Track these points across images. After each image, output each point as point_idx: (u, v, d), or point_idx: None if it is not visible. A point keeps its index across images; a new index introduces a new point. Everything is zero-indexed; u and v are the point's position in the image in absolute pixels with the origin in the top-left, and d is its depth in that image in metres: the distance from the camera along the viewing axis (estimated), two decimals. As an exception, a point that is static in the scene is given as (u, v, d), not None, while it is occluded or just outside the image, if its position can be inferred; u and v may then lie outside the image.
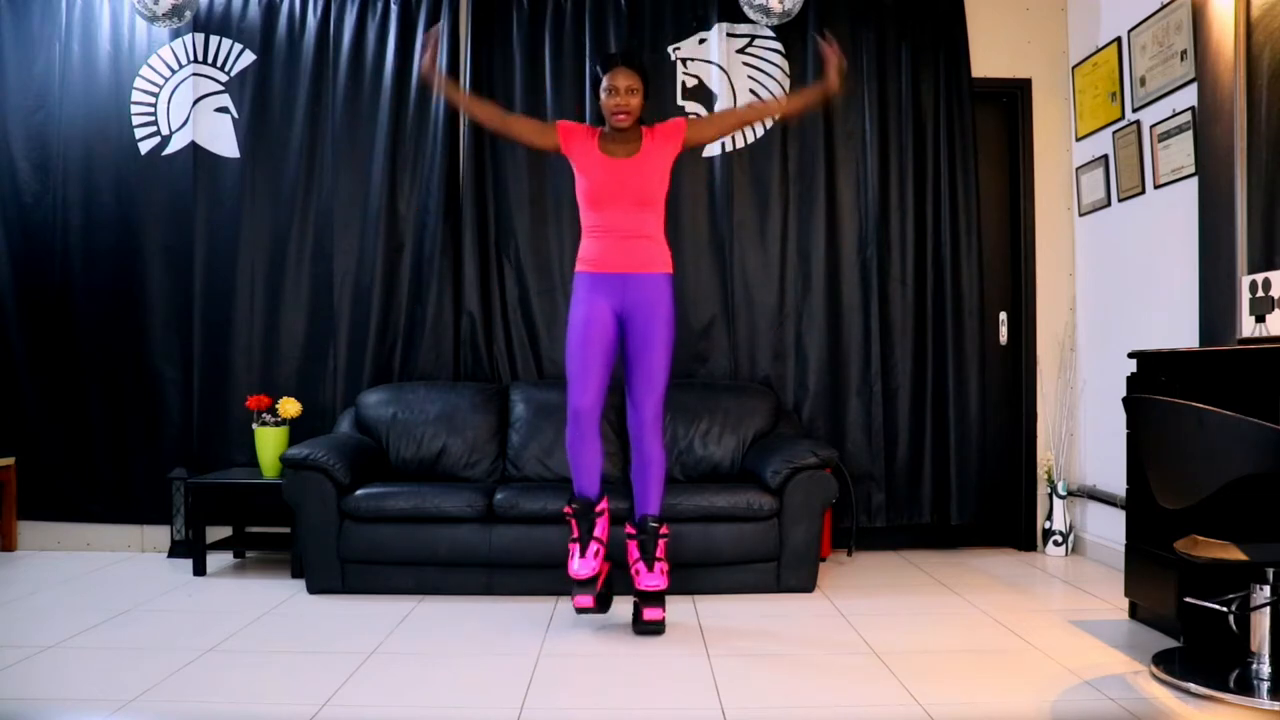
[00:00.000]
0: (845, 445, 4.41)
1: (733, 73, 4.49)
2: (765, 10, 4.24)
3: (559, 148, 3.24)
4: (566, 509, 3.23)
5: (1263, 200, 3.20)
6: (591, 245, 3.22)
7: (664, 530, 3.23)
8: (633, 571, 3.19)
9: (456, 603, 3.56)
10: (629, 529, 3.26)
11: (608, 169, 3.16)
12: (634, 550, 3.21)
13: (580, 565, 3.11)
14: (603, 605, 3.22)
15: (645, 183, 3.17)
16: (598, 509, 3.22)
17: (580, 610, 3.13)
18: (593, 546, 3.15)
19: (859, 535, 4.39)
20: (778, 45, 4.50)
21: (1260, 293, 3.14)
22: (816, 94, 3.36)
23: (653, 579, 3.13)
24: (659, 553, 3.17)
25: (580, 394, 3.15)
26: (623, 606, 3.36)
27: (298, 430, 4.19)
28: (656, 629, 3.16)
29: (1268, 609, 2.60)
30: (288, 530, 4.05)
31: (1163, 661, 2.77)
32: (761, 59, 4.50)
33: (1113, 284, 4.24)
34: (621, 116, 3.15)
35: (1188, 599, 2.79)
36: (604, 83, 3.17)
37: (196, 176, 4.45)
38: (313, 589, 3.69)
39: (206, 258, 4.46)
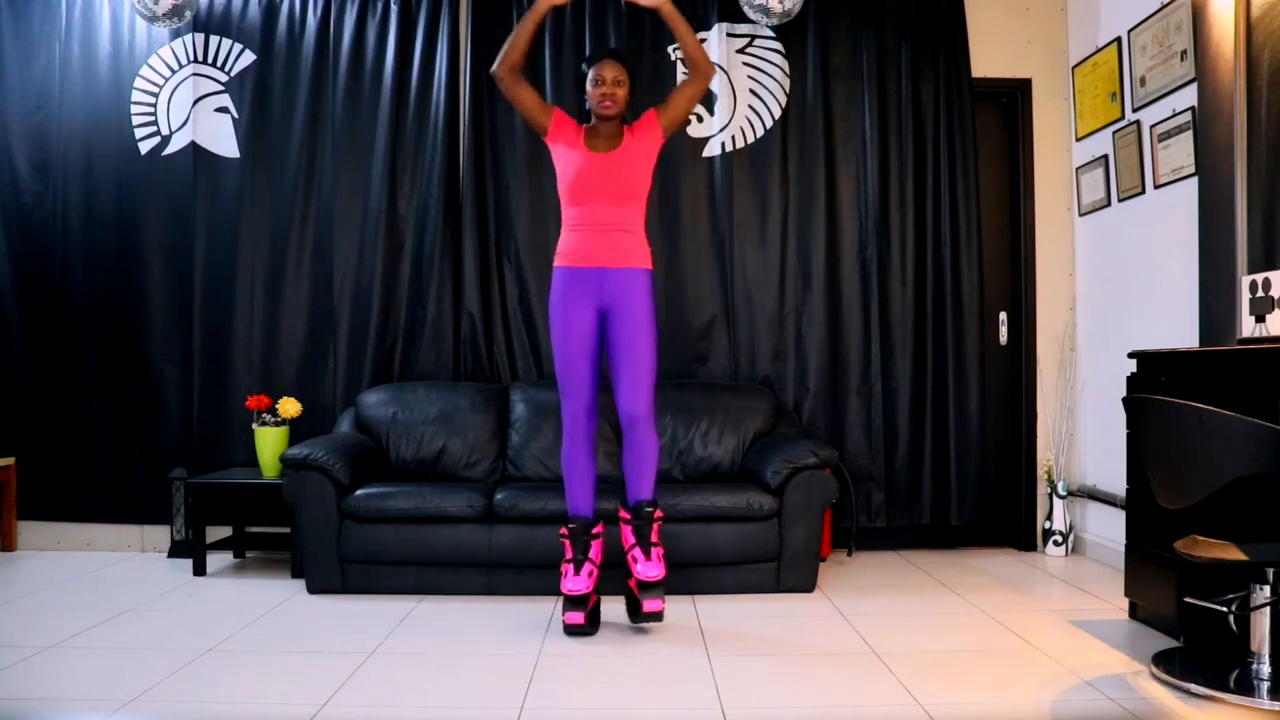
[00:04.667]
0: (845, 445, 4.41)
1: (733, 73, 4.49)
2: (765, 10, 4.24)
3: (546, 130, 3.24)
4: (562, 530, 3.23)
5: (1263, 200, 3.20)
6: (571, 239, 3.22)
7: (658, 514, 3.20)
8: (629, 559, 3.14)
9: (456, 603, 3.56)
10: (622, 514, 3.23)
11: (590, 162, 3.17)
12: (629, 536, 3.17)
13: (573, 583, 3.13)
14: (593, 624, 3.19)
15: (627, 176, 3.19)
16: (594, 531, 3.22)
17: (570, 627, 3.14)
18: (586, 567, 3.15)
19: (859, 535, 4.39)
20: (778, 45, 4.50)
21: (1260, 293, 3.14)
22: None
23: (652, 568, 3.07)
24: (654, 537, 3.14)
25: (575, 399, 3.21)
26: (612, 606, 3.37)
27: (298, 430, 4.19)
28: (657, 618, 3.13)
29: (1268, 609, 2.60)
30: (288, 530, 4.05)
31: (1163, 661, 2.77)
32: (761, 59, 4.50)
33: (1113, 284, 4.24)
34: (608, 104, 3.18)
35: (1188, 599, 2.79)
36: (591, 74, 3.21)
37: (196, 176, 4.46)
38: (313, 589, 3.69)
39: (206, 258, 4.46)
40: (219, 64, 4.49)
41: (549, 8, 3.16)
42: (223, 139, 4.48)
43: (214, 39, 4.48)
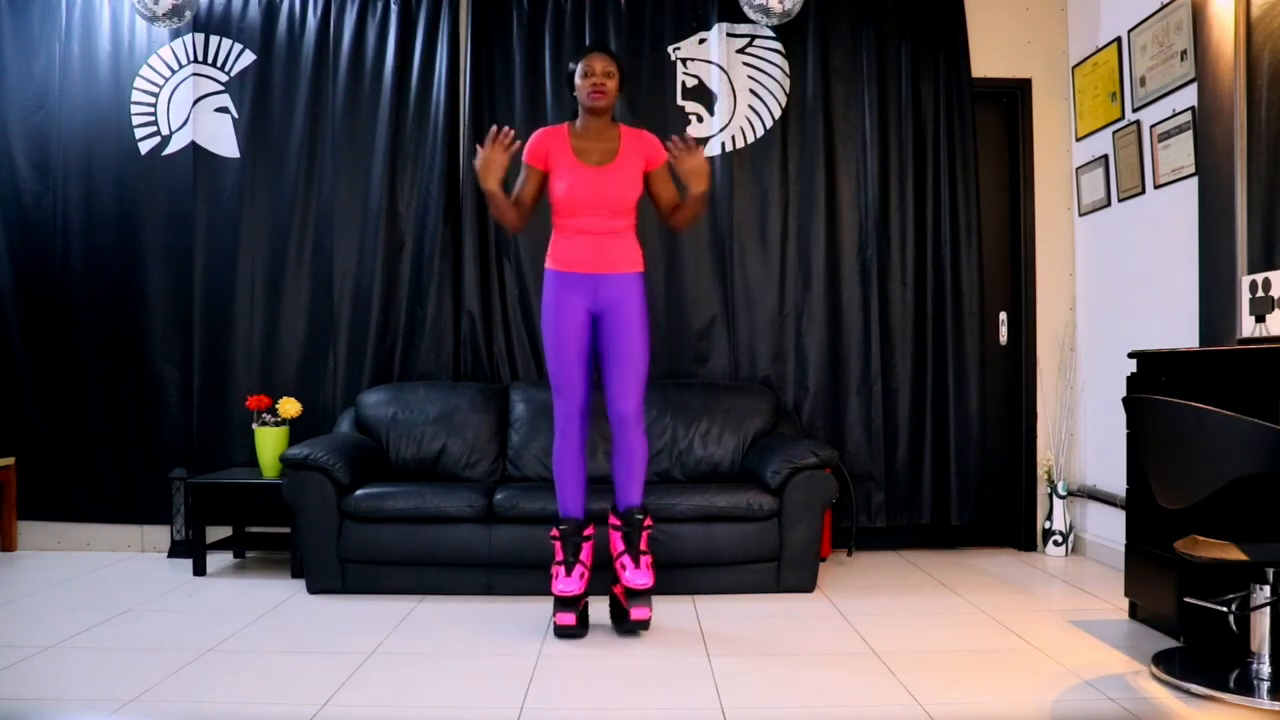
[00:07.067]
0: (845, 445, 4.41)
1: (733, 73, 4.49)
2: (765, 10, 4.24)
3: (545, 175, 3.21)
4: (553, 531, 3.22)
5: (1263, 200, 3.20)
6: (563, 244, 3.21)
7: (648, 522, 3.19)
8: (617, 566, 3.13)
9: (456, 603, 3.56)
10: (612, 520, 3.21)
11: (583, 178, 3.14)
12: (618, 542, 3.15)
13: (565, 585, 3.11)
14: (583, 625, 3.18)
15: (620, 192, 3.17)
16: (585, 533, 3.20)
17: (562, 628, 3.12)
18: (577, 569, 3.14)
19: (859, 535, 4.39)
20: (778, 45, 4.50)
21: (1260, 293, 3.14)
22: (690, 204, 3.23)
23: (640, 576, 3.06)
24: (643, 545, 3.12)
25: (568, 399, 3.20)
26: (599, 606, 3.36)
27: (298, 430, 4.19)
28: (644, 626, 3.13)
29: (1268, 609, 2.60)
30: (288, 530, 4.04)
31: (1163, 661, 2.77)
32: (761, 59, 4.50)
33: (1113, 284, 4.24)
34: (598, 95, 3.14)
35: (1188, 599, 2.79)
36: (580, 67, 3.17)
37: (196, 176, 4.46)
38: (313, 589, 3.69)
39: (206, 258, 4.46)
40: (219, 64, 4.49)
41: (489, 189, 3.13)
42: (223, 139, 4.48)
43: (214, 39, 4.48)
